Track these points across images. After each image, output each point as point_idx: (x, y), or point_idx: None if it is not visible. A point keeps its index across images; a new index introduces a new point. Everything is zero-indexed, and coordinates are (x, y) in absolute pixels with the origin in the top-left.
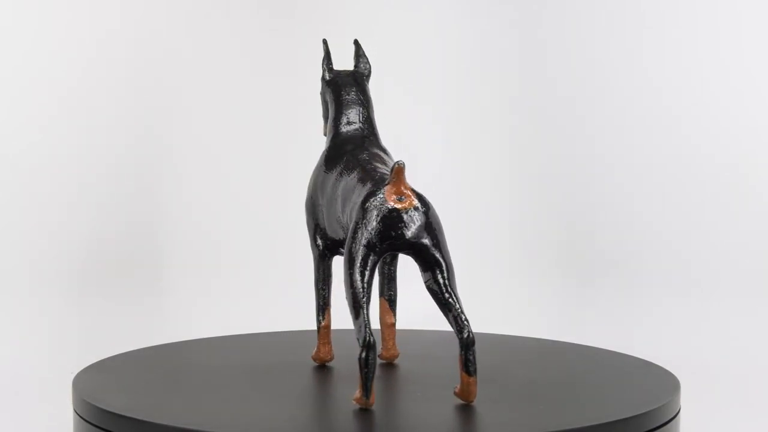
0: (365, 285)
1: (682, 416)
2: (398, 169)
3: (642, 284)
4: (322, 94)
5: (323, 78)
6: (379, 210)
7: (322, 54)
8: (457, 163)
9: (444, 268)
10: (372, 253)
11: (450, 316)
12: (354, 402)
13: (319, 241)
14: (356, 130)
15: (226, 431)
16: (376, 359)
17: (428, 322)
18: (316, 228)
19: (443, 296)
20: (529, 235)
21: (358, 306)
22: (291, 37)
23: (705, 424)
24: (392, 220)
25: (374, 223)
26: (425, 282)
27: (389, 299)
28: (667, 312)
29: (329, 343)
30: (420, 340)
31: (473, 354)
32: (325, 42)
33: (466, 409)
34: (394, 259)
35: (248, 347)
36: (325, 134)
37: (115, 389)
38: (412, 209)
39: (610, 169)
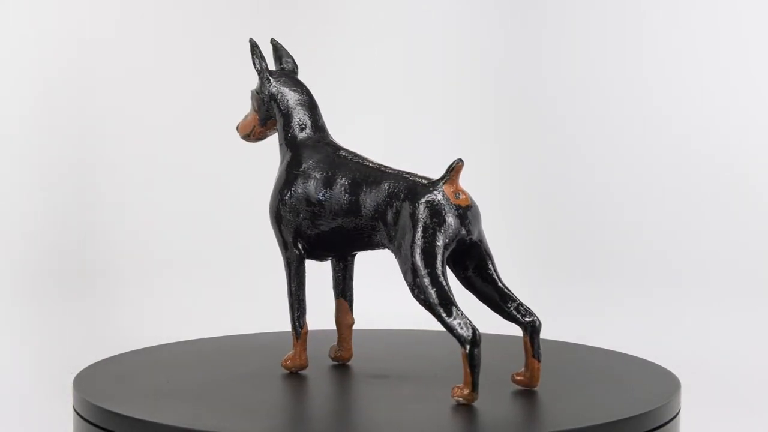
0: (448, 283)
1: (682, 416)
2: (458, 167)
3: (642, 284)
4: (263, 94)
5: (266, 79)
6: (448, 208)
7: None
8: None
9: (494, 261)
10: (445, 251)
11: (509, 304)
12: (455, 398)
13: (299, 245)
14: (314, 131)
15: (225, 431)
16: (481, 354)
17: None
18: (294, 233)
19: (499, 287)
20: (528, 235)
21: (449, 304)
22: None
23: (705, 424)
24: (460, 217)
25: (446, 222)
26: (467, 276)
27: (348, 300)
28: (667, 312)
29: (306, 349)
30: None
31: (539, 339)
32: (253, 41)
33: (465, 409)
34: (353, 259)
35: (246, 347)
36: (247, 135)
37: (115, 389)
38: (470, 206)
39: (612, 171)
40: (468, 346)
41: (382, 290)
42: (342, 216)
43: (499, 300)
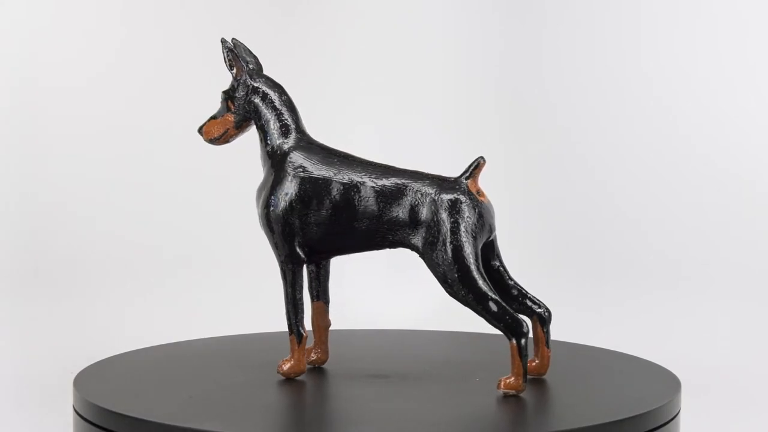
0: (486, 278)
1: (682, 416)
2: (481, 165)
3: (643, 285)
4: (242, 94)
5: (246, 80)
6: (476, 205)
7: (230, 54)
8: (455, 165)
9: (501, 255)
10: (477, 247)
11: (519, 297)
12: (504, 390)
13: (299, 250)
14: (299, 133)
15: (225, 431)
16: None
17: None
18: (296, 237)
19: (508, 283)
20: (529, 236)
21: (492, 299)
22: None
23: (705, 424)
24: (486, 213)
25: (477, 219)
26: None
27: (325, 301)
28: (667, 312)
29: (304, 354)
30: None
31: (549, 328)
32: (227, 41)
33: (465, 408)
34: (329, 260)
35: (246, 348)
36: (217, 138)
37: (115, 389)
38: (489, 203)
39: (612, 171)
40: (516, 338)
41: (382, 290)
42: (356, 217)
43: (509, 293)
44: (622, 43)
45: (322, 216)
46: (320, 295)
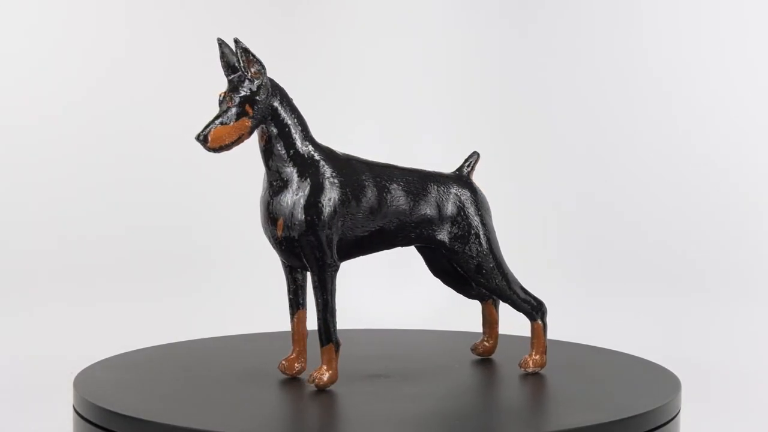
0: None
1: (682, 416)
2: (478, 159)
3: (643, 285)
4: (262, 99)
5: (267, 84)
6: (484, 197)
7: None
8: (454, 165)
9: None
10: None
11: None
12: (531, 369)
13: (335, 255)
14: (311, 138)
15: (225, 431)
16: None
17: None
18: (334, 243)
19: None
20: (529, 234)
21: (518, 284)
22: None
23: (705, 425)
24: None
25: (489, 209)
26: (438, 259)
27: (305, 308)
28: (667, 312)
29: None
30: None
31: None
32: (238, 41)
33: (465, 408)
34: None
35: (246, 348)
36: (228, 144)
37: (115, 389)
38: None
39: (613, 172)
40: (540, 318)
41: (382, 290)
42: (388, 217)
43: (466, 280)
44: (630, 46)
45: (358, 219)
46: (302, 303)
